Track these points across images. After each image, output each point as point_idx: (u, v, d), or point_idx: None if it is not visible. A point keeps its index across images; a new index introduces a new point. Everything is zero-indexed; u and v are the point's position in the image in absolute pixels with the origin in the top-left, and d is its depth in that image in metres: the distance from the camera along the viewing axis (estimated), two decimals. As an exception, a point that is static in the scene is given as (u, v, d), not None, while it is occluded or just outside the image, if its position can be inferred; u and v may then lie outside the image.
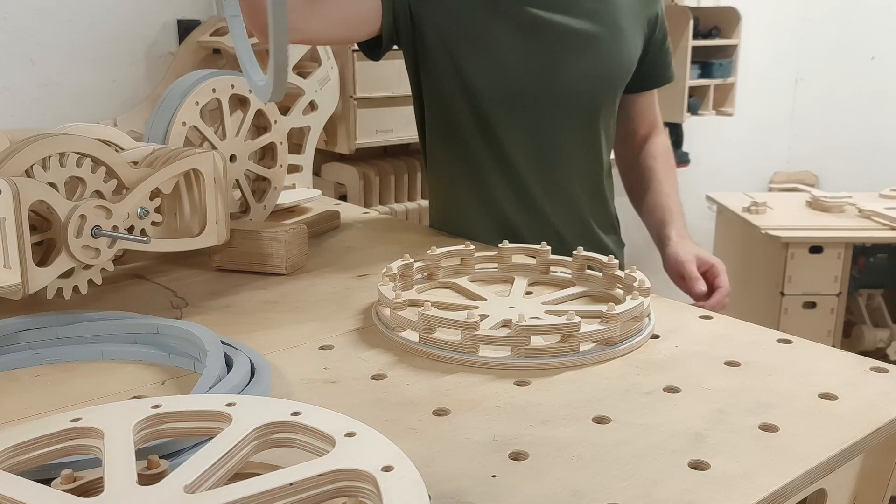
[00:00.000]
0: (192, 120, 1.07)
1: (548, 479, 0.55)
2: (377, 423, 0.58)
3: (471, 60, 1.18)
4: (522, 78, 1.18)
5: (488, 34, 1.18)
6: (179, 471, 0.45)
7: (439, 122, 1.25)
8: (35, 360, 0.76)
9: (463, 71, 1.18)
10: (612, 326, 0.76)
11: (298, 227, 1.05)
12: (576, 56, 1.18)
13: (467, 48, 1.18)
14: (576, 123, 1.22)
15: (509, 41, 1.17)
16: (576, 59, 1.18)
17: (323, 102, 1.48)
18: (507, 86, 1.18)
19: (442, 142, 1.27)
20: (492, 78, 1.18)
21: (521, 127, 1.20)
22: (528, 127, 1.20)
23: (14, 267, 0.77)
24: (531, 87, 1.18)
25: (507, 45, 1.17)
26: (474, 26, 1.18)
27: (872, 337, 2.27)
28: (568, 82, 1.19)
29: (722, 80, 2.54)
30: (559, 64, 1.18)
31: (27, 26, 1.60)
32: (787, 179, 3.18)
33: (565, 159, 1.23)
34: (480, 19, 1.17)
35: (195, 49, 1.70)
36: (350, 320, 0.87)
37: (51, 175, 0.82)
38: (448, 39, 1.18)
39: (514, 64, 1.17)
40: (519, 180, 1.22)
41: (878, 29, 3.06)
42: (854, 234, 2.13)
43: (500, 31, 1.17)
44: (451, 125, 1.24)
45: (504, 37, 1.17)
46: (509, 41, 1.17)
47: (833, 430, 0.61)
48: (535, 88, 1.18)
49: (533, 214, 1.24)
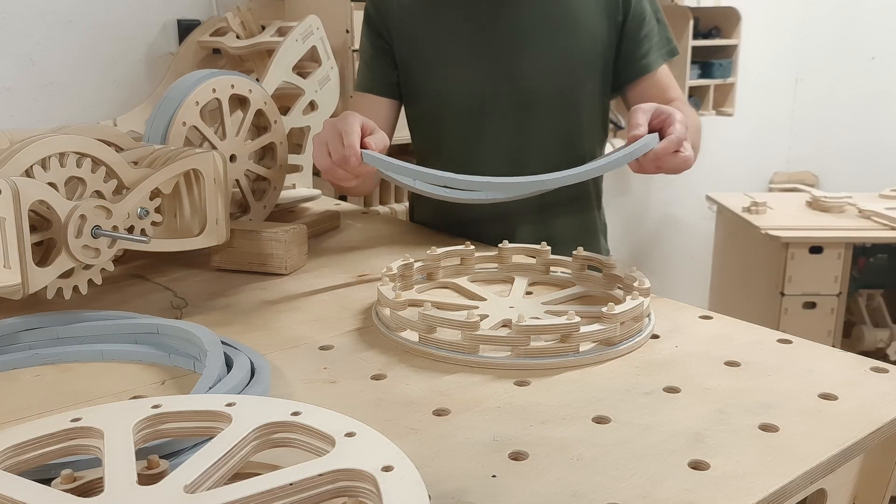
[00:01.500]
0: (192, 120, 1.07)
1: (548, 479, 0.55)
2: (377, 423, 0.58)
3: (430, 79, 1.20)
4: (479, 86, 1.17)
5: (440, 50, 1.19)
6: (179, 471, 0.45)
7: (420, 131, 1.29)
8: (35, 360, 0.76)
9: (424, 89, 1.21)
10: (612, 326, 0.76)
11: (298, 227, 1.05)
12: (529, 53, 1.16)
13: (424, 68, 1.21)
14: (547, 124, 1.19)
15: (460, 49, 1.17)
16: (529, 56, 1.16)
17: (323, 102, 1.48)
18: (467, 97, 1.18)
19: (424, 151, 1.29)
20: (451, 92, 1.19)
21: (491, 134, 1.19)
22: (498, 134, 1.19)
23: (14, 267, 0.77)
24: (490, 93, 1.17)
25: (457, 55, 1.18)
26: (427, 45, 1.20)
27: (872, 337, 2.27)
28: (527, 81, 1.16)
29: (722, 81, 2.54)
30: (514, 64, 1.16)
31: (27, 26, 1.60)
32: (787, 179, 3.18)
33: (538, 161, 1.19)
34: (431, 39, 1.19)
35: (195, 49, 1.69)
36: (350, 320, 0.87)
37: (51, 175, 0.82)
38: (411, 64, 1.22)
39: (468, 74, 1.17)
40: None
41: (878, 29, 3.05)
42: (854, 234, 2.13)
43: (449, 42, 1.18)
44: (428, 136, 1.27)
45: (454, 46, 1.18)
46: (460, 49, 1.17)
47: (833, 430, 0.61)
48: (495, 94, 1.17)
49: (511, 221, 1.21)
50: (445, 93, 1.20)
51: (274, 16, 1.80)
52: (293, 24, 1.50)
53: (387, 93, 1.26)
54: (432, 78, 1.21)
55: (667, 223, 3.00)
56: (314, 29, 1.51)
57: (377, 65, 1.25)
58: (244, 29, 1.67)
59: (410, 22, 1.21)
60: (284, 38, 1.46)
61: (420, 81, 1.22)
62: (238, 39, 1.65)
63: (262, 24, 1.67)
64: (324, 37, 1.53)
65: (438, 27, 1.19)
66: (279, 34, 1.58)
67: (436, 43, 1.19)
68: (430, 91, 1.22)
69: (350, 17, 1.65)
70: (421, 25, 1.20)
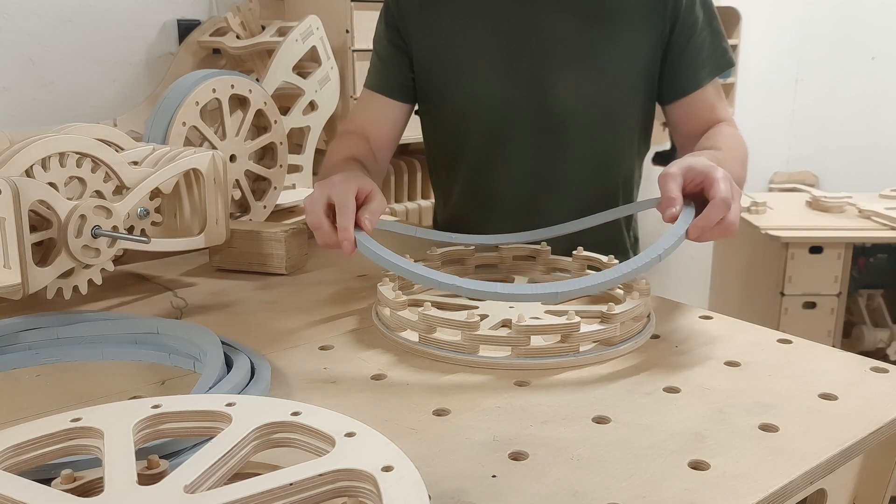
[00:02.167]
0: (192, 120, 1.07)
1: (548, 479, 0.55)
2: (377, 423, 0.58)
3: (452, 92, 1.12)
4: (505, 103, 1.09)
5: (465, 61, 1.10)
6: (179, 471, 0.45)
7: (436, 144, 1.21)
8: (35, 360, 0.76)
9: (445, 101, 1.13)
10: (612, 326, 0.76)
11: (298, 227, 1.05)
12: (563, 73, 1.07)
13: (447, 78, 1.12)
14: (579, 148, 1.09)
15: (487, 62, 1.09)
16: (562, 76, 1.07)
17: (323, 102, 1.48)
18: (492, 114, 1.09)
19: (439, 165, 1.23)
20: (474, 108, 1.11)
21: (515, 156, 1.11)
22: (523, 156, 1.11)
23: (14, 267, 0.77)
24: (517, 111, 1.08)
25: (484, 68, 1.09)
26: (451, 54, 1.11)
27: (872, 337, 2.27)
28: (558, 102, 1.07)
29: (722, 81, 2.54)
30: (546, 84, 1.07)
31: (27, 26, 1.60)
32: (787, 179, 3.18)
33: (565, 189, 1.11)
34: (456, 48, 1.11)
35: (195, 49, 1.70)
36: (350, 320, 0.87)
37: (51, 175, 0.82)
38: (432, 72, 1.13)
39: (494, 90, 1.09)
40: (523, 201, 1.13)
41: (878, 29, 3.05)
42: (854, 235, 2.13)
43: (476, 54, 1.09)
44: (445, 152, 1.20)
45: (480, 59, 1.09)
46: (487, 62, 1.09)
47: (833, 430, 0.61)
48: (522, 112, 1.08)
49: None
50: (468, 108, 1.11)
51: (274, 16, 1.80)
52: (293, 24, 1.51)
53: (399, 96, 1.17)
54: (455, 90, 1.12)
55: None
56: (314, 29, 1.51)
57: (393, 64, 1.16)
58: (244, 29, 1.67)
59: (433, 25, 1.12)
60: (284, 38, 1.47)
61: (441, 92, 1.13)
62: (238, 39, 1.65)
63: (262, 24, 1.67)
64: (324, 37, 1.53)
65: (464, 37, 1.10)
66: (279, 34, 1.58)
67: (461, 53, 1.10)
68: (452, 104, 1.13)
69: (350, 17, 1.65)
70: (445, 31, 1.11)
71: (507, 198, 1.14)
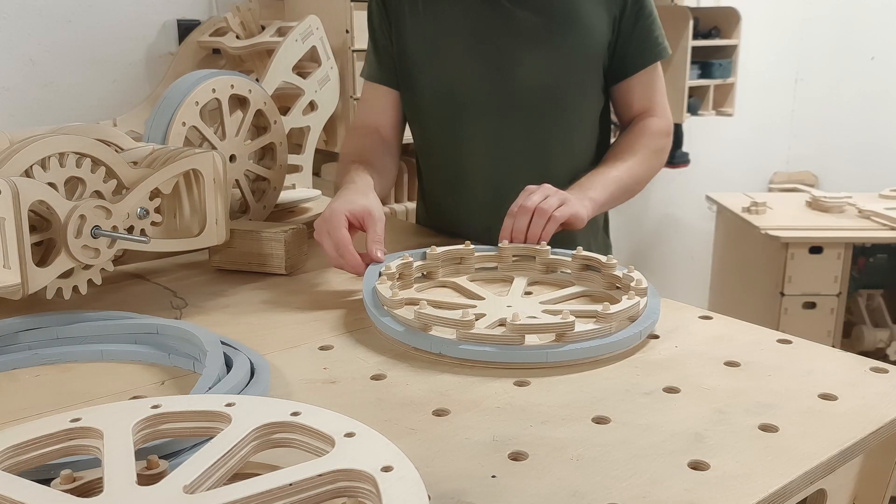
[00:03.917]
0: (192, 120, 1.07)
1: (548, 479, 0.55)
2: (377, 423, 0.58)
3: (424, 75, 1.17)
4: (473, 83, 1.14)
5: (435, 44, 1.16)
6: (179, 471, 0.45)
7: (416, 127, 1.26)
8: (35, 360, 0.76)
9: (419, 84, 1.18)
10: (607, 326, 0.76)
11: (298, 227, 1.05)
12: (528, 51, 1.13)
13: (419, 62, 1.17)
14: (542, 123, 1.16)
15: (455, 45, 1.15)
16: (528, 54, 1.13)
17: (323, 102, 1.48)
18: (460, 94, 1.15)
19: (420, 148, 1.28)
20: (444, 89, 1.16)
21: (483, 133, 1.16)
22: (491, 133, 1.16)
23: (14, 267, 0.77)
24: (485, 90, 1.14)
25: (452, 51, 1.15)
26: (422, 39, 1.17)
27: (872, 337, 2.27)
28: (523, 80, 1.13)
29: (722, 81, 2.54)
30: (512, 63, 1.13)
31: (27, 26, 1.60)
32: (787, 179, 3.18)
33: (530, 163, 1.17)
34: (427, 33, 1.16)
35: (195, 49, 1.70)
36: (350, 320, 0.87)
37: (51, 175, 0.82)
38: (405, 57, 1.18)
39: (462, 71, 1.15)
40: (491, 184, 1.18)
41: (878, 29, 3.05)
42: (854, 235, 2.13)
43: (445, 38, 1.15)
44: (422, 132, 1.24)
45: (449, 42, 1.15)
46: (455, 45, 1.15)
47: (833, 431, 0.61)
48: (490, 92, 1.14)
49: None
50: (437, 88, 1.17)
51: (274, 16, 1.80)
52: (293, 24, 1.50)
53: (394, 83, 1.22)
54: (426, 71, 1.17)
55: (667, 223, 3.00)
56: (314, 29, 1.51)
57: (383, 52, 1.22)
58: (244, 29, 1.67)
59: (409, 12, 1.18)
60: (284, 38, 1.47)
61: (413, 73, 1.19)
62: (238, 39, 1.65)
63: (261, 24, 1.67)
64: (324, 37, 1.53)
65: (435, 21, 1.16)
66: (279, 34, 1.58)
67: (432, 37, 1.16)
68: (423, 85, 1.18)
69: (350, 17, 1.65)
70: (419, 17, 1.17)
71: (475, 182, 1.20)
